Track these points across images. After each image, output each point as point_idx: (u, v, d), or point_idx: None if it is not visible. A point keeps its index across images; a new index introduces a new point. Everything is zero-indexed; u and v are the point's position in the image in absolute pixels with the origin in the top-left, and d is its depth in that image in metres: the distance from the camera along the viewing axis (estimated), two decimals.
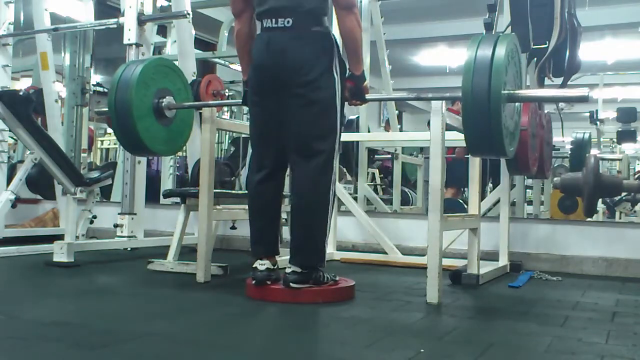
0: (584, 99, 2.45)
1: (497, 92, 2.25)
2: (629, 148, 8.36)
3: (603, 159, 7.03)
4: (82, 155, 5.53)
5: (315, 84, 2.52)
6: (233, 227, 4.07)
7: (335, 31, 2.71)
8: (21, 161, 4.84)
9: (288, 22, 2.52)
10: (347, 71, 2.68)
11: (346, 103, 2.73)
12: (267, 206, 2.71)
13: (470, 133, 2.36)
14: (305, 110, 2.54)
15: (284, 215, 3.32)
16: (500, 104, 2.26)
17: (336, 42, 2.62)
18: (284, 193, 2.90)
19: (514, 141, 2.54)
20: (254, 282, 2.64)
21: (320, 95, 2.54)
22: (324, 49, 2.56)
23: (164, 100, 3.11)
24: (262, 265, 2.62)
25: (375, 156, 6.76)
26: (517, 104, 2.58)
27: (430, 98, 2.86)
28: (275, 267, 2.68)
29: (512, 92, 2.40)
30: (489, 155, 2.90)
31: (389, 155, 5.44)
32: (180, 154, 5.74)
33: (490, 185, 5.48)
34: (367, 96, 2.76)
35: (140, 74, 2.97)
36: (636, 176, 6.83)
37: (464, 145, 2.54)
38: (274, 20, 2.54)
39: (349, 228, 4.33)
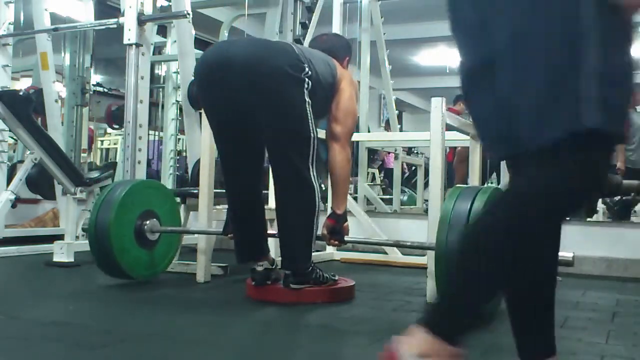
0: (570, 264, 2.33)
1: None
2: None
3: None
4: (82, 155, 5.54)
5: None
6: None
7: None
8: (21, 161, 4.84)
9: None
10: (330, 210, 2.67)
11: None
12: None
13: (444, 291, 2.15)
14: None
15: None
16: None
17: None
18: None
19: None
20: (253, 282, 2.64)
21: None
22: None
23: (148, 222, 2.94)
24: (260, 265, 2.63)
25: (376, 156, 6.75)
26: None
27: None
28: (274, 266, 2.68)
29: None
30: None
31: (394, 152, 5.40)
32: (180, 154, 5.75)
33: (488, 184, 5.47)
34: (347, 238, 2.70)
35: (124, 197, 2.83)
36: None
37: (464, 145, 2.54)
38: None
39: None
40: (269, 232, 2.76)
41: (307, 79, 2.43)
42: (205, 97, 2.59)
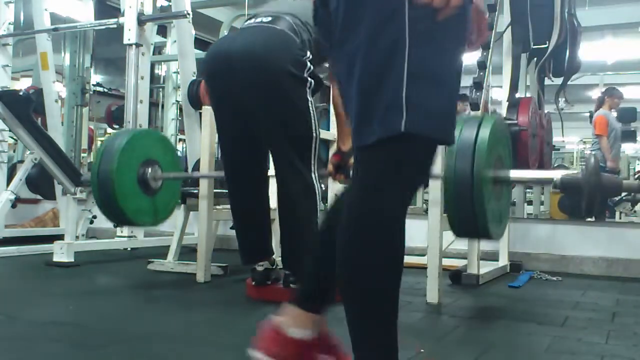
0: (552, 183, 2.37)
1: (480, 176, 2.04)
2: (629, 148, 8.36)
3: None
4: (82, 155, 5.54)
5: None
6: (233, 227, 4.06)
7: None
8: (21, 161, 4.84)
9: None
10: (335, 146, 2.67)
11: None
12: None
13: (454, 216, 2.16)
14: None
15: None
16: (483, 187, 2.05)
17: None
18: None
19: (501, 224, 2.30)
20: (253, 282, 2.64)
21: None
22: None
23: (150, 170, 2.97)
24: (260, 265, 2.63)
25: None
26: (504, 185, 2.34)
27: None
28: (275, 266, 2.68)
29: (498, 174, 2.19)
30: (475, 238, 2.77)
31: None
32: (180, 154, 5.74)
33: None
34: None
35: (127, 144, 2.85)
36: (636, 176, 6.84)
37: None
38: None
39: None
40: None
41: (309, 78, 2.42)
42: (211, 93, 2.60)
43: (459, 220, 2.15)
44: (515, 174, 2.40)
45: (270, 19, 2.49)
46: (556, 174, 2.35)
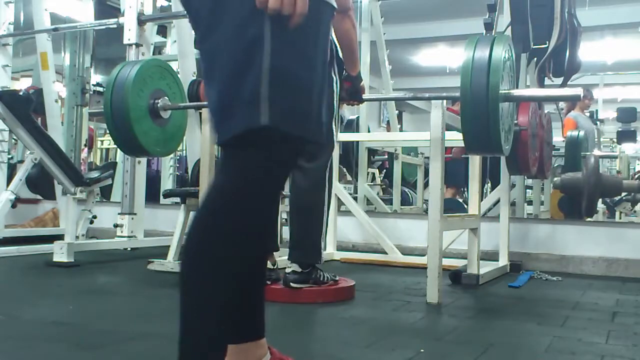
0: (576, 98, 2.52)
1: (495, 91, 2.31)
2: (629, 148, 8.35)
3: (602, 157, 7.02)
4: (82, 155, 5.53)
5: None
6: None
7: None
8: (21, 161, 4.84)
9: None
10: (344, 72, 2.69)
11: (345, 105, 2.75)
12: None
13: (468, 131, 2.40)
14: None
15: (284, 215, 3.32)
16: (498, 102, 2.32)
17: (333, 44, 2.63)
18: (284, 193, 2.90)
19: (509, 140, 2.59)
20: None
21: None
22: None
23: (160, 101, 3.09)
24: None
25: (375, 157, 6.74)
26: (512, 103, 2.63)
27: (427, 98, 2.87)
28: (275, 266, 2.68)
29: (508, 91, 2.45)
30: (486, 153, 2.94)
31: (386, 157, 5.42)
32: (180, 154, 5.74)
33: (488, 185, 5.47)
34: (364, 96, 2.77)
35: (137, 75, 2.96)
36: (636, 176, 6.83)
37: (462, 145, 2.55)
38: None
39: (349, 228, 4.33)
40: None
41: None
42: None
43: (473, 135, 2.39)
44: (520, 92, 2.72)
45: None
46: (577, 91, 2.59)
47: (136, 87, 2.96)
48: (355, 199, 4.72)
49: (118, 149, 7.08)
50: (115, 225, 4.15)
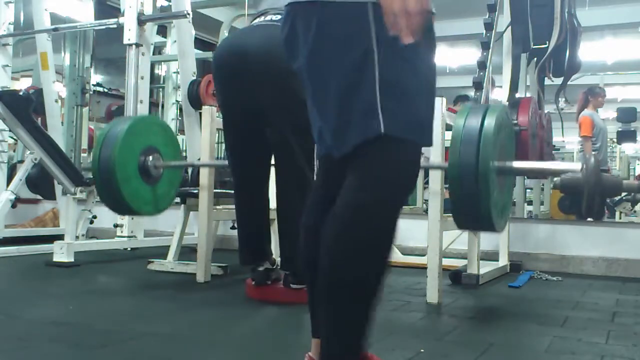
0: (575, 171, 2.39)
1: (486, 166, 1.99)
2: (629, 148, 8.36)
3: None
4: (82, 155, 5.53)
5: None
6: (233, 227, 4.07)
7: None
8: (21, 161, 4.84)
9: None
10: None
11: None
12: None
13: (457, 207, 2.09)
14: None
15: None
16: (489, 178, 2.00)
17: None
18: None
19: (503, 216, 2.25)
20: (253, 282, 2.64)
21: None
22: None
23: (151, 158, 2.92)
24: (261, 265, 2.63)
25: None
26: (508, 177, 2.30)
27: None
28: (275, 266, 2.68)
29: (502, 164, 2.12)
30: (478, 230, 2.79)
31: None
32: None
33: None
34: None
35: (127, 131, 2.81)
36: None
37: None
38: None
39: None
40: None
41: None
42: (221, 90, 2.61)
43: (462, 211, 2.09)
44: (518, 164, 2.39)
45: (279, 17, 2.52)
46: (558, 165, 2.35)
47: (126, 145, 2.79)
48: None
49: None
50: (115, 225, 4.14)
